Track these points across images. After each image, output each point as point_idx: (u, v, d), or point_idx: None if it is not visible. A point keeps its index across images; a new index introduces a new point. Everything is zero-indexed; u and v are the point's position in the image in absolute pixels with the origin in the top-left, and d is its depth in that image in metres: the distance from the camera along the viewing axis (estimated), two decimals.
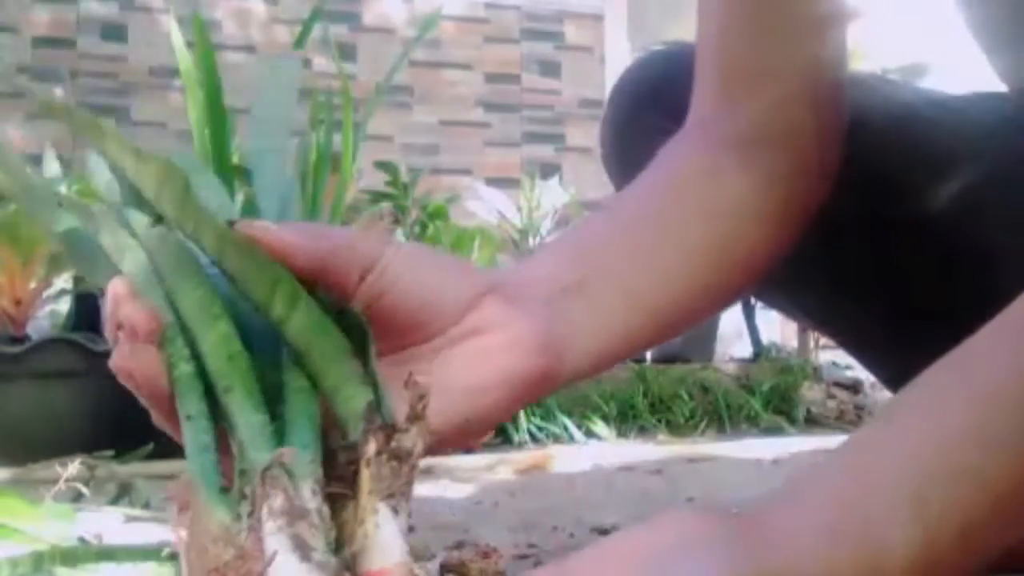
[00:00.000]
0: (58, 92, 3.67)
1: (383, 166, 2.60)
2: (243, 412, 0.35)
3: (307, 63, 3.45)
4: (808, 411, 2.47)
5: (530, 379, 0.46)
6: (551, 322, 0.47)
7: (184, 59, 1.91)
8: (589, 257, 0.51)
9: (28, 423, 1.74)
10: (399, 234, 2.45)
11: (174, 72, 1.97)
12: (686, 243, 0.54)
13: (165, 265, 0.39)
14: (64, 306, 1.98)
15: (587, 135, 4.25)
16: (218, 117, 1.80)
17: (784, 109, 0.57)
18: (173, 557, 0.56)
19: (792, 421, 2.40)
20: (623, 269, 0.51)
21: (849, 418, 2.49)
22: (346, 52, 3.77)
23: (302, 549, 0.31)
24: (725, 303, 0.60)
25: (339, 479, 0.34)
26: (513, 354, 0.45)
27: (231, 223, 0.38)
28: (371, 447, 0.33)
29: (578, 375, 0.50)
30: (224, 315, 0.37)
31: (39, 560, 0.54)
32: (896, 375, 0.79)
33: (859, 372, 2.78)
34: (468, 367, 0.44)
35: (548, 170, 3.88)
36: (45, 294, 1.87)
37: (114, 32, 3.74)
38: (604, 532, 1.02)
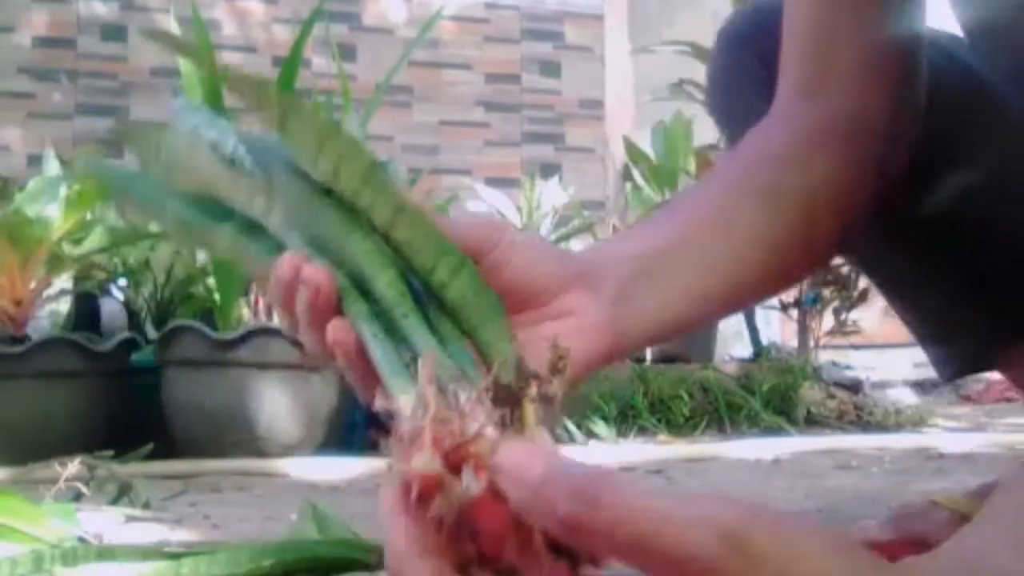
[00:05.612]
0: (56, 96, 3.67)
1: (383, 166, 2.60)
2: (422, 333, 0.41)
3: (307, 63, 3.45)
4: (808, 411, 2.47)
5: (595, 359, 0.53)
6: (620, 308, 0.54)
7: (184, 59, 1.91)
8: (661, 246, 0.58)
9: (28, 423, 1.74)
10: None
11: (174, 72, 1.97)
12: (758, 230, 0.59)
13: (335, 228, 0.44)
14: (64, 306, 1.98)
15: (587, 135, 4.25)
16: None
17: (857, 97, 0.63)
18: (173, 556, 0.56)
19: (792, 421, 2.40)
20: (687, 257, 0.58)
21: (849, 418, 2.48)
22: (346, 52, 3.77)
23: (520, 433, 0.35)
24: (785, 285, 0.67)
25: None
26: (583, 338, 0.52)
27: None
28: (534, 388, 0.37)
29: (634, 349, 0.58)
30: (392, 264, 0.43)
31: (39, 560, 0.54)
32: (934, 332, 0.83)
33: (859, 372, 2.78)
34: (545, 348, 0.48)
35: (548, 170, 3.88)
36: (45, 294, 1.87)
37: (114, 32, 3.74)
38: None
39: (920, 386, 3.39)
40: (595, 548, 0.32)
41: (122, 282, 2.21)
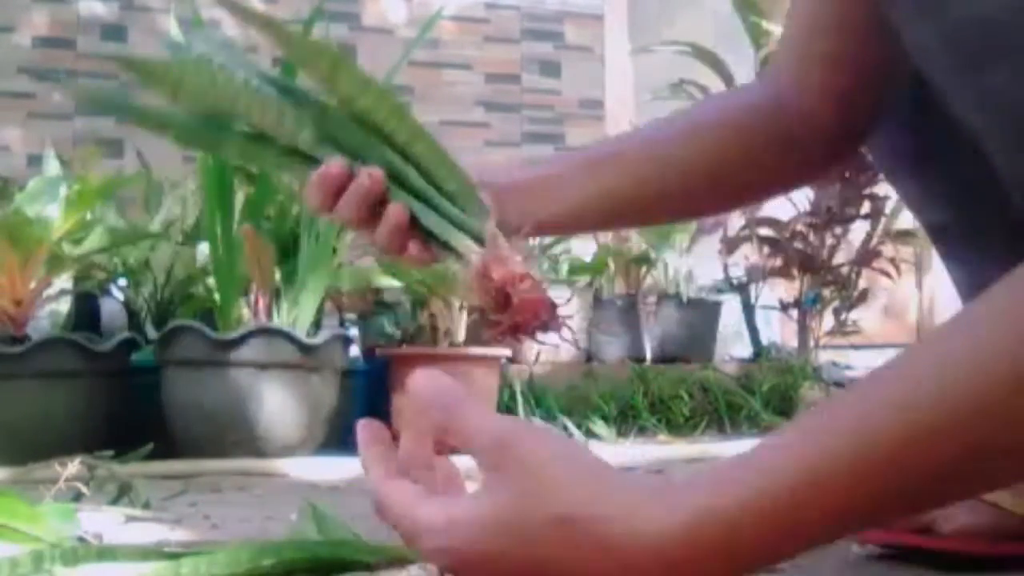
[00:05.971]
0: (56, 96, 3.67)
1: None
2: (451, 209, 0.64)
3: None
4: None
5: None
6: (501, 209, 0.70)
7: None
8: (559, 173, 0.77)
9: (28, 423, 1.74)
10: None
11: None
12: (673, 167, 0.74)
13: (370, 143, 0.65)
14: (64, 306, 1.98)
15: (587, 135, 4.25)
16: None
17: (809, 97, 0.71)
18: (173, 556, 0.56)
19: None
20: (557, 189, 0.76)
21: None
22: (346, 52, 3.76)
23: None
24: (677, 217, 0.99)
25: None
26: None
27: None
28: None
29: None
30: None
31: (39, 560, 0.54)
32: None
33: (859, 372, 2.77)
34: None
35: None
36: (45, 294, 1.87)
37: (114, 32, 3.74)
38: None
39: None
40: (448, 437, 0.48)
41: (122, 282, 2.21)
